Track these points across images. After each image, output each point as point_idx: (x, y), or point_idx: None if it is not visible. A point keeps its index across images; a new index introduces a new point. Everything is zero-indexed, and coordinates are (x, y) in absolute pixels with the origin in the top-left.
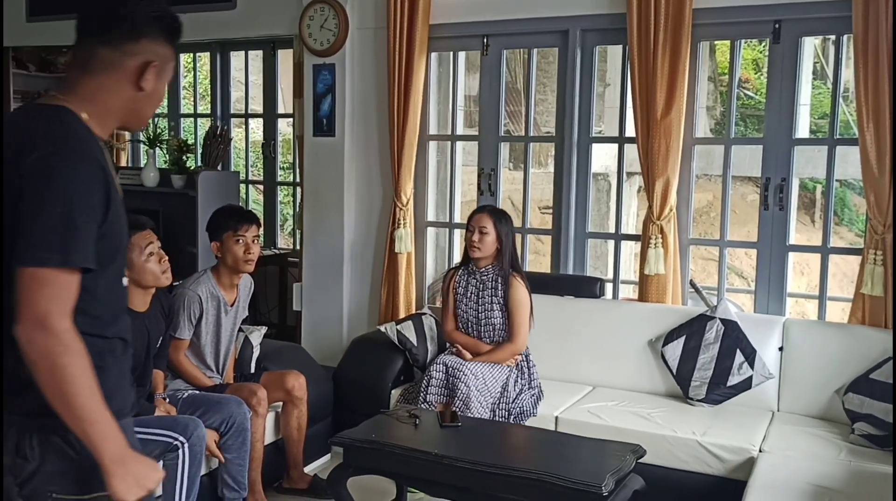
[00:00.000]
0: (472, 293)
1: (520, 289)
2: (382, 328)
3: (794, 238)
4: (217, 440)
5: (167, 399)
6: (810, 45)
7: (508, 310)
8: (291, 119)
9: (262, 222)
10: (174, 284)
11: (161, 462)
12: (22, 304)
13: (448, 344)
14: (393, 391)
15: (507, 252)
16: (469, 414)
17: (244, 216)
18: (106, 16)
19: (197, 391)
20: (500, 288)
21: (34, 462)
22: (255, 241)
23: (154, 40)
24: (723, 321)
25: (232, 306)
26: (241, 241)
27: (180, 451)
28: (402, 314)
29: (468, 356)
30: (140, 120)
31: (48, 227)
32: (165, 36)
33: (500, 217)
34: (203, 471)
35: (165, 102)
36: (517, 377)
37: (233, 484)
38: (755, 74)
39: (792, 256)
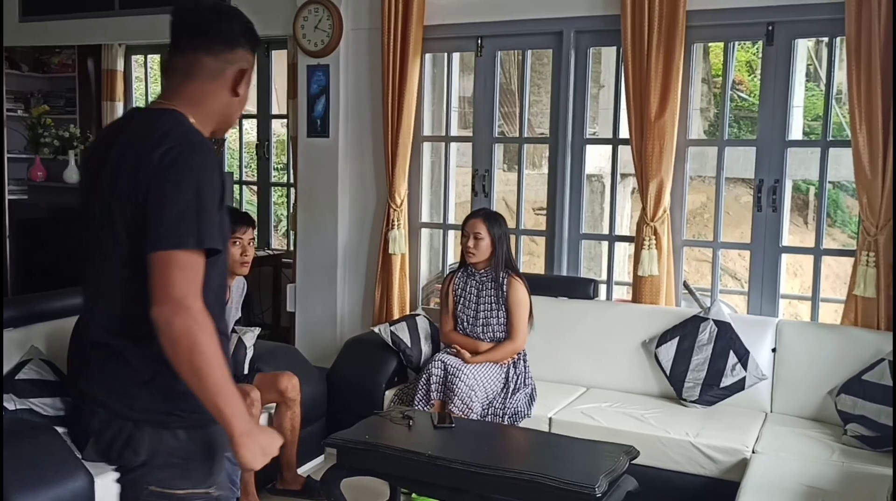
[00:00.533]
0: (471, 294)
1: (520, 289)
2: (376, 329)
3: (787, 240)
4: None
5: None
6: (804, 47)
7: (508, 309)
8: (285, 120)
9: (256, 223)
10: None
11: None
12: (159, 286)
13: (444, 345)
14: (387, 393)
15: (501, 254)
16: (470, 413)
17: (241, 218)
18: (209, 29)
19: None
20: (498, 289)
21: (143, 455)
22: (251, 243)
23: (245, 50)
24: (716, 322)
25: (225, 306)
26: (237, 243)
27: None
28: (396, 315)
29: (468, 355)
30: (229, 124)
31: (181, 213)
32: (252, 45)
33: (494, 221)
34: None
35: None
36: (513, 374)
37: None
38: (749, 75)
39: (785, 257)
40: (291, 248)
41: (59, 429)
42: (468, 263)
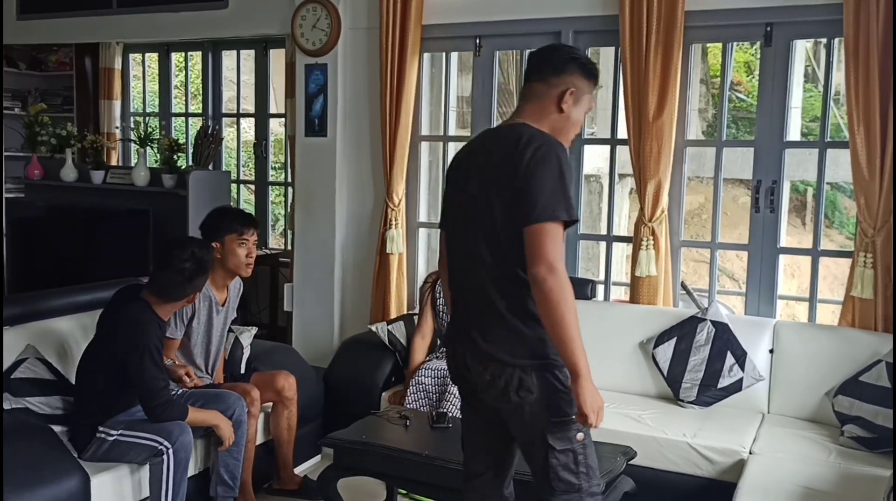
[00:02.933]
0: None
1: None
2: (373, 328)
3: (784, 241)
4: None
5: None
6: (802, 48)
7: None
8: (283, 119)
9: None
10: None
11: (148, 466)
12: (537, 252)
13: (437, 347)
14: (384, 393)
15: None
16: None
17: (248, 220)
18: (542, 61)
19: (191, 390)
20: None
21: (536, 393)
22: (255, 245)
23: (572, 75)
24: (714, 323)
25: (223, 306)
26: (244, 245)
27: (165, 455)
28: (393, 315)
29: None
30: (566, 137)
31: (553, 193)
32: (582, 71)
33: None
34: (195, 471)
35: (156, 101)
36: None
37: (228, 480)
38: (747, 76)
39: (783, 258)
40: (289, 247)
41: (56, 428)
42: None
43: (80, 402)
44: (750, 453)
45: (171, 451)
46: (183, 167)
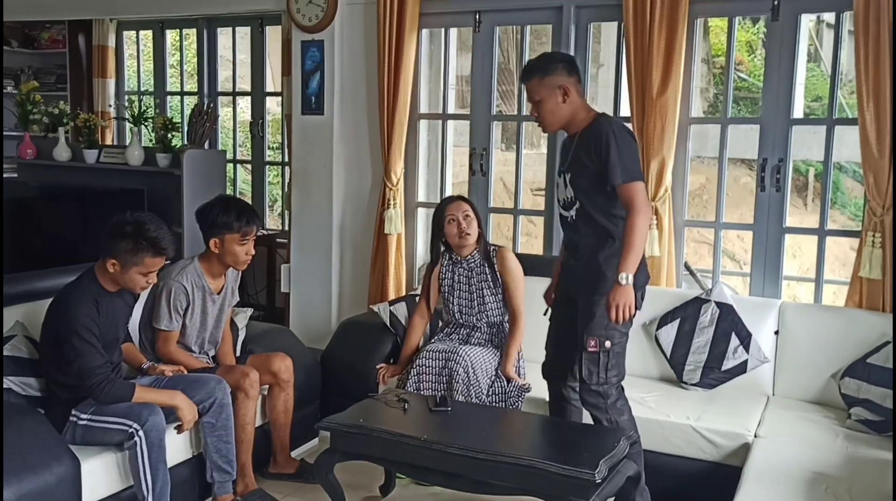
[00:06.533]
0: (462, 283)
1: (513, 259)
2: (375, 308)
3: (789, 221)
4: (197, 418)
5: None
6: (807, 23)
7: (505, 283)
8: (280, 98)
9: (251, 204)
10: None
11: (125, 451)
12: (633, 201)
13: (439, 329)
14: (378, 366)
15: (485, 233)
16: (471, 400)
17: (251, 219)
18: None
19: (184, 375)
20: (492, 267)
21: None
22: (255, 240)
23: (559, 74)
24: (718, 304)
25: (219, 294)
26: (245, 244)
27: (136, 437)
28: (391, 296)
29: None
30: (577, 123)
31: (628, 161)
32: (564, 66)
33: (472, 202)
34: (189, 455)
35: (151, 80)
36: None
37: (222, 465)
38: (749, 56)
39: (786, 239)
40: (286, 228)
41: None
42: (460, 246)
43: (48, 382)
44: (755, 436)
45: (141, 432)
46: (177, 147)
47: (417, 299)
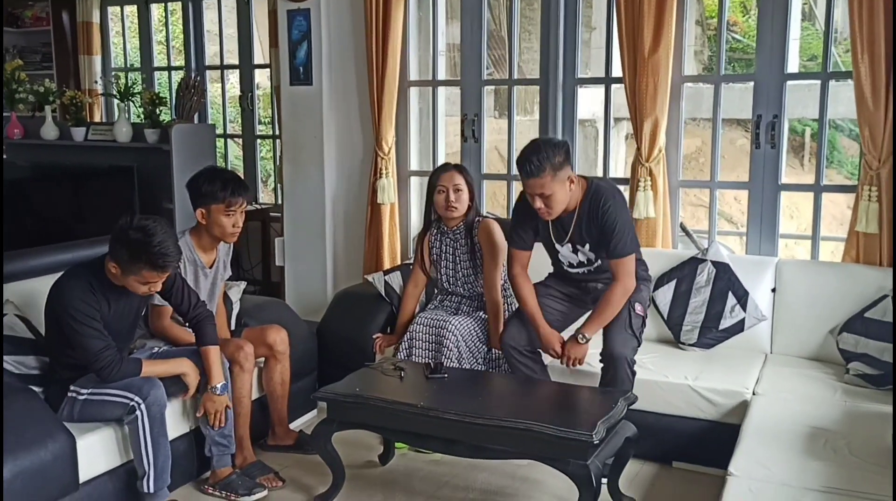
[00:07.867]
0: (447, 254)
1: (494, 232)
2: (370, 278)
3: (785, 180)
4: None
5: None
6: None
7: (483, 251)
8: (268, 70)
9: (243, 178)
10: None
11: (125, 426)
12: (625, 271)
13: (434, 296)
14: (374, 335)
15: (475, 206)
16: (463, 364)
17: (237, 189)
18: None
19: (169, 348)
20: (470, 241)
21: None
22: (243, 212)
23: (566, 167)
24: (714, 263)
25: (210, 267)
26: (231, 215)
27: (138, 411)
28: (386, 266)
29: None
30: (573, 200)
31: (628, 235)
32: (567, 156)
33: (466, 171)
34: (187, 429)
35: (138, 55)
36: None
37: (220, 439)
38: (742, 16)
39: (782, 197)
40: (279, 202)
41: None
42: (448, 217)
43: (51, 362)
44: (753, 394)
45: (143, 406)
46: (166, 122)
47: (411, 267)
